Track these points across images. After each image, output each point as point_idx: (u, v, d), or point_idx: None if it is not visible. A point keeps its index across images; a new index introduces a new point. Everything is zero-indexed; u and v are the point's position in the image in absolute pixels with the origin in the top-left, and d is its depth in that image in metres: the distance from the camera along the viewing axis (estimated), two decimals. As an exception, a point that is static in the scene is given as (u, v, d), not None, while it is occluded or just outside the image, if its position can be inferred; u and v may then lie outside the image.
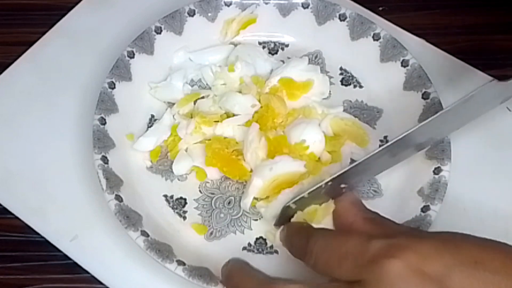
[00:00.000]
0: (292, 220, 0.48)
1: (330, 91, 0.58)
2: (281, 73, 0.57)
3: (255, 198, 0.51)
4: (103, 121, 0.52)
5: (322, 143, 0.53)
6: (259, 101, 0.55)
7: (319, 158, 0.53)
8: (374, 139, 0.55)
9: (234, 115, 0.54)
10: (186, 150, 0.53)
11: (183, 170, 0.53)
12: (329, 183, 0.47)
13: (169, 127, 0.54)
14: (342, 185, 0.48)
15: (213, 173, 0.53)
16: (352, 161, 0.54)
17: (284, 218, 0.49)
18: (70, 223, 0.50)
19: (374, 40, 0.58)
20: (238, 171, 0.52)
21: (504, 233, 0.51)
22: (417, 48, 0.59)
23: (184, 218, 0.51)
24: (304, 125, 0.53)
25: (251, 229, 0.51)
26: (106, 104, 0.53)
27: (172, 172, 0.53)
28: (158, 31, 0.57)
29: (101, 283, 0.48)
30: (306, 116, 0.55)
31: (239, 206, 0.52)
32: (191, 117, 0.54)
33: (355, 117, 0.56)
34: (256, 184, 0.50)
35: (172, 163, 0.53)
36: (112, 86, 0.54)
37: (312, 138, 0.52)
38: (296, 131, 0.52)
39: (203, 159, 0.52)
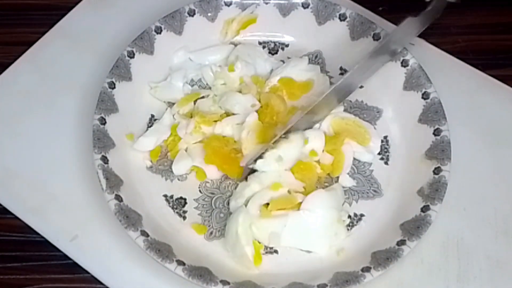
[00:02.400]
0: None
1: (330, 91, 0.58)
2: (281, 73, 0.57)
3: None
4: (103, 121, 0.52)
5: (322, 141, 0.53)
6: (259, 101, 0.55)
7: (318, 160, 0.53)
8: (374, 139, 0.55)
9: (234, 114, 0.54)
10: (186, 150, 0.53)
11: (183, 170, 0.53)
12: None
13: (169, 127, 0.54)
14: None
15: (213, 173, 0.53)
16: (353, 159, 0.54)
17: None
18: (70, 223, 0.50)
19: (374, 40, 0.58)
20: (237, 169, 0.52)
21: (504, 233, 0.51)
22: (417, 48, 0.59)
23: (184, 218, 0.51)
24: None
25: (251, 229, 0.51)
26: (106, 104, 0.53)
27: (172, 172, 0.53)
28: (158, 31, 0.57)
29: (101, 283, 0.48)
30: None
31: (239, 206, 0.52)
32: (191, 117, 0.54)
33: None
34: (252, 188, 0.50)
35: (172, 163, 0.53)
36: (112, 86, 0.54)
37: (313, 136, 0.53)
38: (298, 132, 0.53)
39: (203, 159, 0.52)
